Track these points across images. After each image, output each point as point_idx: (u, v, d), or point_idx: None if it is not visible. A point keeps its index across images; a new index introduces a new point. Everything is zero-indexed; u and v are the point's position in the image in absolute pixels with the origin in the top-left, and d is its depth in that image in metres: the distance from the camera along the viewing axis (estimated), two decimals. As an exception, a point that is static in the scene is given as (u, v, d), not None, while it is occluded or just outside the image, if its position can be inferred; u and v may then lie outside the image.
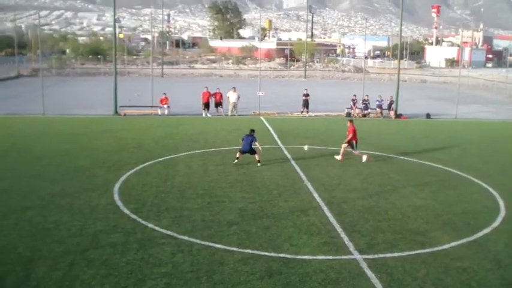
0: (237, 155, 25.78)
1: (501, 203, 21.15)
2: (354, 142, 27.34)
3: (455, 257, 15.71)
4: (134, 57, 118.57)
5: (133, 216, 18.15)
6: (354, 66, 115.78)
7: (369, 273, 14.39)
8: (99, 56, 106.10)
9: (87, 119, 38.85)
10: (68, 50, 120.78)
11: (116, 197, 20.21)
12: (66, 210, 18.62)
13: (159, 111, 42.71)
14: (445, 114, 48.25)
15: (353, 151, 27.53)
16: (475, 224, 18.59)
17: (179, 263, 14.58)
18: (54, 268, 14.00)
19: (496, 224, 18.72)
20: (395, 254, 15.75)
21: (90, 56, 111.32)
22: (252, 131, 25.98)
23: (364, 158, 27.10)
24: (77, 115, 41.02)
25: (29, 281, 13.21)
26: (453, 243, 16.76)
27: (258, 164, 25.39)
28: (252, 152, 25.63)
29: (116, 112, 42.07)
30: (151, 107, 43.25)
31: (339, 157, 27.29)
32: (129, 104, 43.75)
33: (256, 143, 25.58)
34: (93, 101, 48.13)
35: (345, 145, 27.39)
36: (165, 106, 42.73)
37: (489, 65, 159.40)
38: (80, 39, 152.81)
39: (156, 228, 17.12)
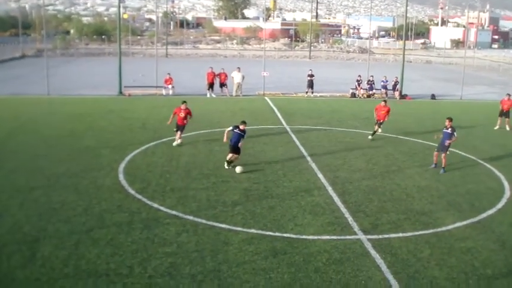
0: (228, 157, 21.89)
1: (506, 184, 21.15)
2: (382, 121, 28.31)
3: (459, 238, 15.75)
4: (138, 37, 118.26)
5: (138, 196, 18.21)
6: (359, 47, 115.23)
7: (373, 253, 14.45)
8: (103, 37, 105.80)
9: (92, 99, 38.84)
10: (72, 31, 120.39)
11: (121, 177, 20.27)
12: (72, 190, 18.69)
13: (164, 92, 42.64)
14: (450, 95, 48.08)
15: (379, 130, 28.38)
16: (480, 205, 18.61)
17: (184, 243, 14.65)
18: (59, 247, 14.09)
19: (500, 205, 18.74)
20: (400, 235, 15.80)
21: (94, 37, 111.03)
22: (243, 122, 21.99)
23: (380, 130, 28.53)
24: (81, 95, 41.02)
25: (35, 260, 13.31)
26: (457, 224, 16.80)
27: (226, 166, 21.72)
28: (237, 150, 21.74)
29: (121, 92, 42.04)
30: (156, 87, 43.19)
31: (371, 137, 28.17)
32: (133, 84, 43.70)
33: (242, 142, 21.80)
34: (97, 82, 48.09)
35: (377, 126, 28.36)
36: (170, 86, 42.64)
37: (495, 46, 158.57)
38: (84, 19, 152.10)
39: (161, 208, 17.19)
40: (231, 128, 21.94)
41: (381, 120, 28.16)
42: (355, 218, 16.90)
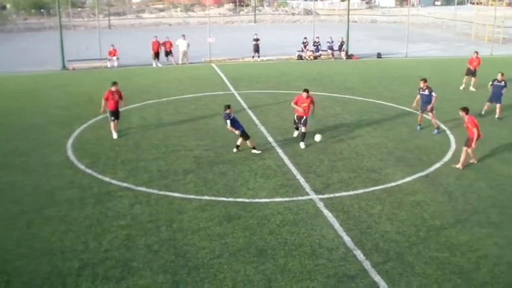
0: (239, 142, 20.10)
1: (452, 137, 21.66)
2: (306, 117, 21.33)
3: (408, 192, 16.15)
4: (79, 9, 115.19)
5: (88, 171, 18.02)
6: (304, 9, 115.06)
7: (326, 212, 14.70)
8: (42, 10, 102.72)
9: (35, 76, 37.89)
10: (8, 5, 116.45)
11: (70, 152, 19.98)
12: (20, 169, 18.35)
13: (109, 64, 41.92)
14: (395, 53, 48.63)
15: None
16: (427, 159, 19.06)
17: (138, 214, 14.63)
18: (11, 228, 13.91)
19: (446, 158, 19.22)
20: (351, 192, 16.11)
21: (32, 11, 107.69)
22: (228, 107, 19.68)
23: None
24: (24, 72, 39.90)
25: (-14, 242, 13.12)
26: (406, 179, 17.20)
27: (253, 151, 19.74)
28: (243, 135, 19.80)
29: (64, 67, 41.10)
30: (100, 59, 42.40)
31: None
32: (77, 58, 42.77)
33: (227, 126, 19.80)
34: (39, 57, 46.85)
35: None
36: (114, 58, 41.90)
37: (438, 2, 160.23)
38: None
39: (113, 181, 17.07)
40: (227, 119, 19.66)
41: (305, 117, 20.62)
42: (307, 179, 17.11)
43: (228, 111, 19.45)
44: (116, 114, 21.94)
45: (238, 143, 19.90)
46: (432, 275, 11.62)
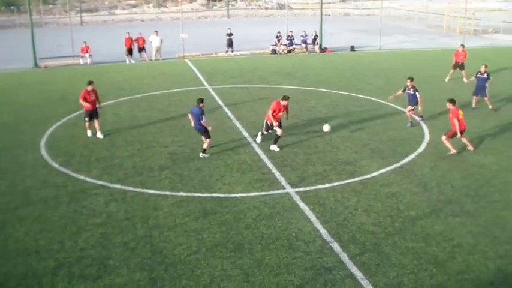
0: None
1: (425, 128, 21.85)
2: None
3: (384, 184, 16.26)
4: (50, 6, 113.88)
5: (62, 169, 17.84)
6: (277, 3, 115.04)
7: (302, 205, 14.75)
8: (12, 7, 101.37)
9: (6, 74, 37.33)
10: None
11: (44, 151, 19.76)
12: (-8, 169, 18.12)
13: (81, 61, 41.51)
14: (369, 46, 48.88)
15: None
16: (402, 151, 19.21)
17: (113, 212, 14.53)
18: (-16, 228, 13.72)
19: (421, 149, 19.40)
20: (327, 185, 16.17)
21: (2, 8, 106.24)
22: (200, 101, 18.88)
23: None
24: (-6, 71, 39.40)
25: (-41, 243, 12.93)
26: (382, 170, 17.32)
27: (201, 155, 18.91)
28: (204, 133, 18.94)
29: (36, 65, 40.61)
30: (73, 57, 41.98)
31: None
32: (49, 55, 42.29)
33: (204, 119, 18.75)
34: (10, 55, 46.14)
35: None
36: (87, 55, 41.50)
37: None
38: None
39: (87, 179, 16.92)
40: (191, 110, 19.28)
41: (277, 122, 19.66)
42: (282, 173, 17.14)
43: (201, 105, 18.71)
44: (93, 114, 21.22)
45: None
46: (408, 265, 11.71)
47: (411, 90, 22.34)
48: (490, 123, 22.52)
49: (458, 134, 18.53)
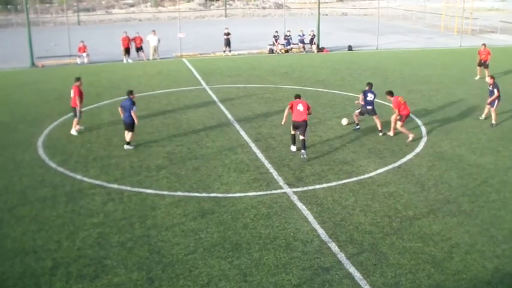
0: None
1: (423, 128, 21.87)
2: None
3: (381, 183, 16.28)
4: (47, 5, 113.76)
5: (60, 169, 17.82)
6: (275, 3, 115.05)
7: (300, 205, 14.75)
8: (9, 7, 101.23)
9: (3, 73, 37.26)
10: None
11: (41, 151, 19.74)
12: (-11, 168, 18.10)
13: (78, 60, 41.43)
14: (366, 45, 48.86)
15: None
16: (399, 150, 19.23)
17: (111, 212, 14.52)
18: (-19, 228, 13.71)
19: (418, 149, 19.42)
20: (324, 185, 16.18)
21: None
22: (130, 92, 19.76)
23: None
24: (-9, 70, 39.33)
25: (-44, 243, 12.91)
26: (379, 170, 17.34)
27: (125, 147, 19.76)
28: (131, 126, 19.59)
29: (33, 64, 40.52)
30: (70, 56, 41.91)
31: None
32: (46, 55, 42.22)
33: (135, 109, 19.49)
34: (7, 54, 46.07)
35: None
36: (84, 54, 41.43)
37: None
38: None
39: (85, 179, 16.91)
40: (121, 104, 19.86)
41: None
42: (280, 172, 17.15)
43: (132, 97, 19.55)
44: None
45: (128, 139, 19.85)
46: (406, 264, 11.73)
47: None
48: (487, 122, 22.53)
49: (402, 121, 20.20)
